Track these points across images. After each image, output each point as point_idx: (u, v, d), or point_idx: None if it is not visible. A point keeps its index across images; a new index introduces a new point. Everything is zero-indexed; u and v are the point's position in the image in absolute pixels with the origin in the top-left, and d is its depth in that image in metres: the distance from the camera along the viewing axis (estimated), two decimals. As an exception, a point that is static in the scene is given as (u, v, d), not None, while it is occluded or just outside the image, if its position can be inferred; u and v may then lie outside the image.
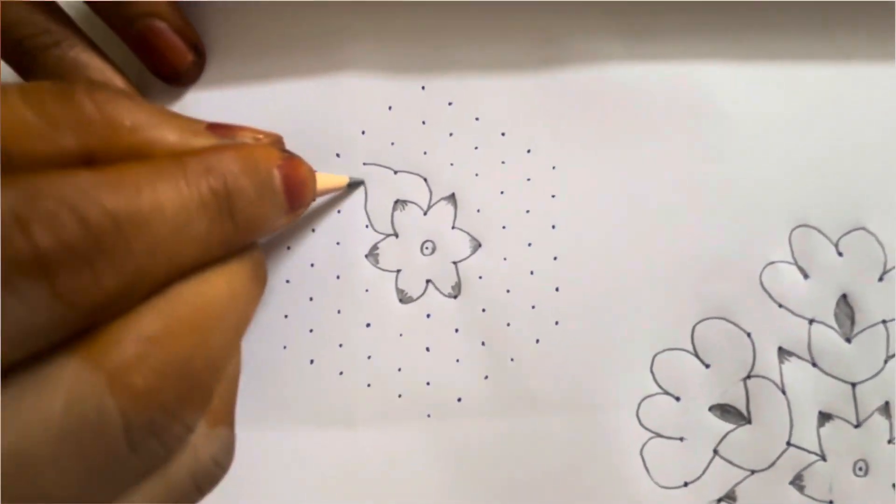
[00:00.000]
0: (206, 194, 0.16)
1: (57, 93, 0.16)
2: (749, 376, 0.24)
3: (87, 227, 0.14)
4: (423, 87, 0.25)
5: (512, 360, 0.24)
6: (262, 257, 0.20)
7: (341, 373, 0.24)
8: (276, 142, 0.20)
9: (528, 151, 0.25)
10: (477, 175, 0.25)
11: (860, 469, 0.24)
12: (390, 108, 0.25)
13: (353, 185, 0.25)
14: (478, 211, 0.25)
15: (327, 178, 0.23)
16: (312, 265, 0.24)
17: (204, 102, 0.25)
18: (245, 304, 0.18)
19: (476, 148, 0.25)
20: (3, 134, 0.15)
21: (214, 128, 0.19)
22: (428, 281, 0.24)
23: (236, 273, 0.17)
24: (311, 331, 0.24)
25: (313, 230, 0.24)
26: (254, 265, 0.18)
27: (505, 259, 0.25)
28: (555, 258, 0.25)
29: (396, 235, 0.25)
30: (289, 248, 0.24)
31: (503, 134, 0.25)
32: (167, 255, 0.15)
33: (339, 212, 0.25)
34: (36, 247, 0.13)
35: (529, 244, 0.25)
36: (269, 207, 0.18)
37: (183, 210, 0.16)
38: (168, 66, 0.24)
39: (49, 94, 0.16)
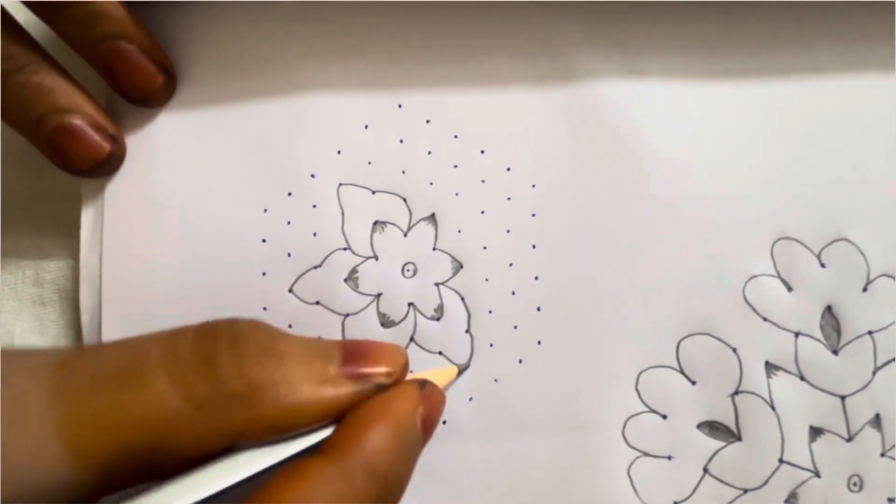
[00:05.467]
0: (370, 499, 0.16)
1: (200, 364, 0.16)
2: (737, 392, 0.24)
3: None
4: (399, 105, 0.25)
5: (496, 380, 0.24)
6: None
7: (322, 400, 0.23)
8: (405, 366, 0.20)
9: (508, 169, 0.25)
10: (457, 194, 0.24)
11: (854, 484, 0.23)
12: (366, 126, 0.25)
13: (462, 371, 0.24)
14: (458, 231, 0.24)
15: (442, 377, 0.22)
16: (290, 290, 0.24)
17: (176, 125, 0.24)
18: None
19: (455, 166, 0.25)
20: (153, 428, 0.16)
21: (349, 361, 0.18)
22: (410, 304, 0.24)
23: None
24: (289, 358, 0.23)
25: (289, 255, 0.24)
26: None
27: (486, 280, 0.24)
28: (536, 277, 0.24)
29: (376, 258, 0.24)
30: (264, 273, 0.24)
31: (482, 152, 0.25)
32: None
33: (314, 234, 0.24)
34: None
35: (511, 264, 0.24)
36: (415, 460, 0.19)
37: None
38: (136, 88, 0.23)
39: (194, 368, 0.16)
